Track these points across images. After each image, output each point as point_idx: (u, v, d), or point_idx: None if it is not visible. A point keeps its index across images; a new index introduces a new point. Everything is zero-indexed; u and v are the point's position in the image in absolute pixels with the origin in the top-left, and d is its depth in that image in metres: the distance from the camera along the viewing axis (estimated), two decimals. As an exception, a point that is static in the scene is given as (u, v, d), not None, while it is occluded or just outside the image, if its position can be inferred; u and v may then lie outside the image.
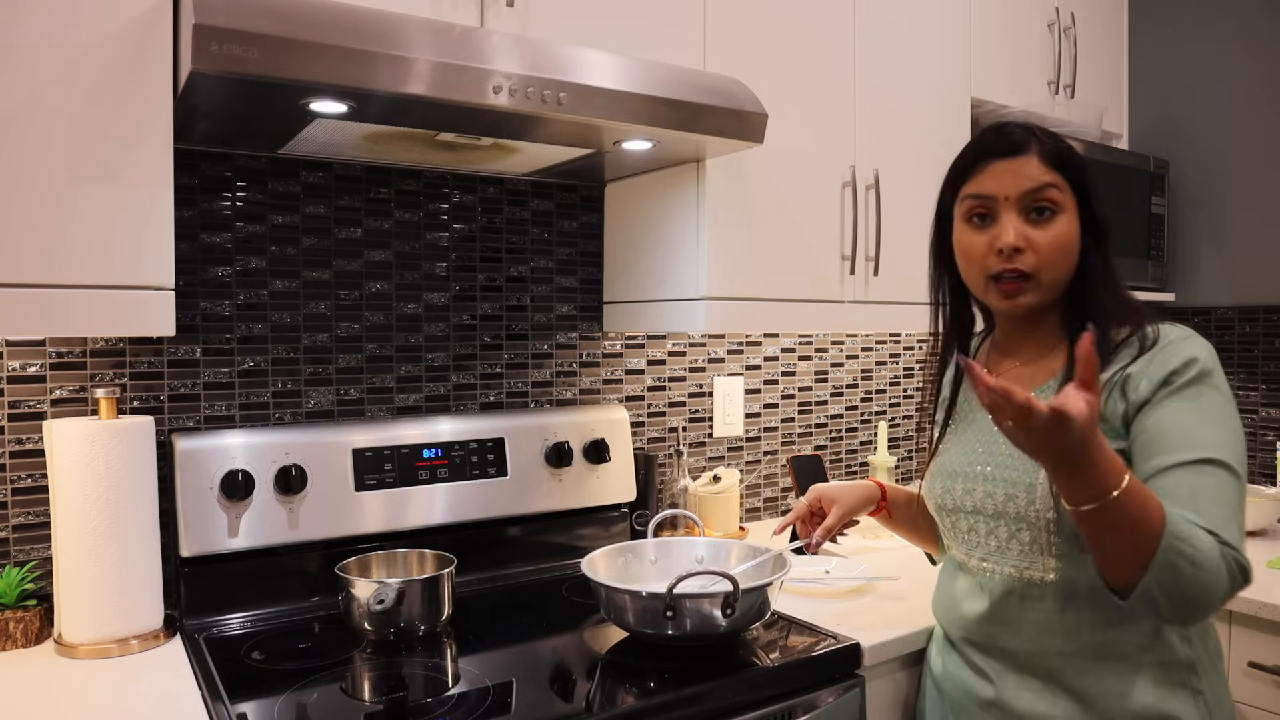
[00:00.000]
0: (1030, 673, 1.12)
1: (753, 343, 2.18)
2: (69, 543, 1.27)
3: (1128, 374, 1.06)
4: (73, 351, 1.42)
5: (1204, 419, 1.02)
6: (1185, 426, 1.01)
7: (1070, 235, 1.10)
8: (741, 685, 1.21)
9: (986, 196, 1.12)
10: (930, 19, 1.98)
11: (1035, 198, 1.09)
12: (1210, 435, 1.00)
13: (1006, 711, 1.14)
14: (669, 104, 1.35)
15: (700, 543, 1.51)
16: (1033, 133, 1.12)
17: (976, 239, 1.13)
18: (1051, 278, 1.10)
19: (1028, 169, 1.10)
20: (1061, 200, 1.09)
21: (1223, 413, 1.03)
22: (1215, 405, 1.03)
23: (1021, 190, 1.09)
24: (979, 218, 1.13)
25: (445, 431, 1.63)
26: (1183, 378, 1.03)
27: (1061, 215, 1.10)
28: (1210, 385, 1.04)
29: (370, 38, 1.12)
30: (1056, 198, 1.09)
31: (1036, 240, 1.09)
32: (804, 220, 1.77)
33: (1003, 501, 1.13)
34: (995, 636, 1.15)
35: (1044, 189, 1.09)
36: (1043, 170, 1.09)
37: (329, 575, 1.44)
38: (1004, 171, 1.11)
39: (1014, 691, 1.13)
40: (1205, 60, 2.44)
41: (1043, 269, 1.10)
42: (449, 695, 1.16)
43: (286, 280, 1.59)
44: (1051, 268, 1.10)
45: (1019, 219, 1.10)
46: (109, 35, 1.09)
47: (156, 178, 1.13)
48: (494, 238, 1.80)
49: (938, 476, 1.23)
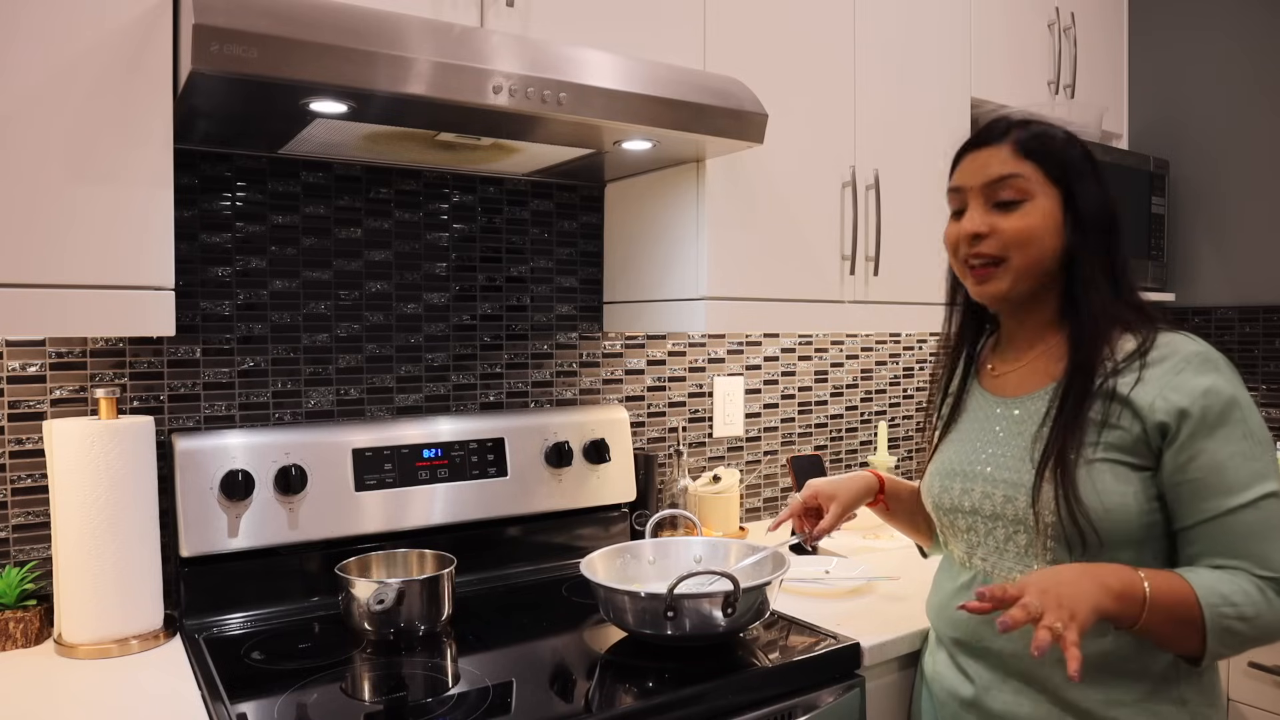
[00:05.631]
0: (1011, 674, 1.12)
1: (753, 343, 2.18)
2: (69, 543, 1.27)
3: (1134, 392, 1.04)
4: (73, 351, 1.42)
5: (1245, 452, 1.01)
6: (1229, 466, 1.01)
7: (1039, 225, 1.09)
8: (741, 685, 1.21)
9: (958, 188, 1.16)
10: (930, 19, 1.98)
11: (998, 188, 1.11)
12: (1252, 468, 1.01)
13: (984, 711, 1.14)
14: (669, 104, 1.35)
15: (699, 542, 1.51)
16: (1016, 124, 1.13)
17: (951, 229, 1.17)
18: (1021, 263, 1.10)
19: (993, 159, 1.11)
20: (1029, 189, 1.10)
21: (1258, 438, 1.03)
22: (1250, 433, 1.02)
23: (983, 180, 1.12)
24: (957, 211, 1.17)
25: (445, 431, 1.63)
26: (1212, 412, 1.02)
27: (1029, 204, 1.10)
28: (1239, 409, 1.02)
29: (370, 38, 1.12)
30: (1022, 186, 1.10)
31: (1000, 228, 1.10)
32: (804, 220, 1.77)
33: (1001, 503, 1.12)
34: (984, 636, 1.14)
35: (1005, 180, 1.10)
36: (1009, 161, 1.10)
37: (329, 575, 1.44)
38: (971, 163, 1.14)
39: (993, 692, 1.13)
40: (1205, 60, 2.44)
41: (1009, 254, 1.10)
42: (449, 695, 1.16)
43: (286, 280, 1.59)
44: (1018, 253, 1.10)
45: (984, 208, 1.12)
46: (109, 35, 1.09)
47: (156, 178, 1.13)
48: (494, 238, 1.80)
49: (937, 475, 1.23)
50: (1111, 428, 1.04)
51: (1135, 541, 1.05)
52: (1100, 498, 1.03)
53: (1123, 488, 1.03)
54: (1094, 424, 1.05)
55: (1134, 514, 1.03)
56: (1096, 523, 1.03)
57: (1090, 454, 1.05)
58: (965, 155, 1.16)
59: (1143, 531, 1.04)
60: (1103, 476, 1.04)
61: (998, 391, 1.20)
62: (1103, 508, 1.03)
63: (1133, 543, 1.05)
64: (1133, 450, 1.04)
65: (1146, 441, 1.03)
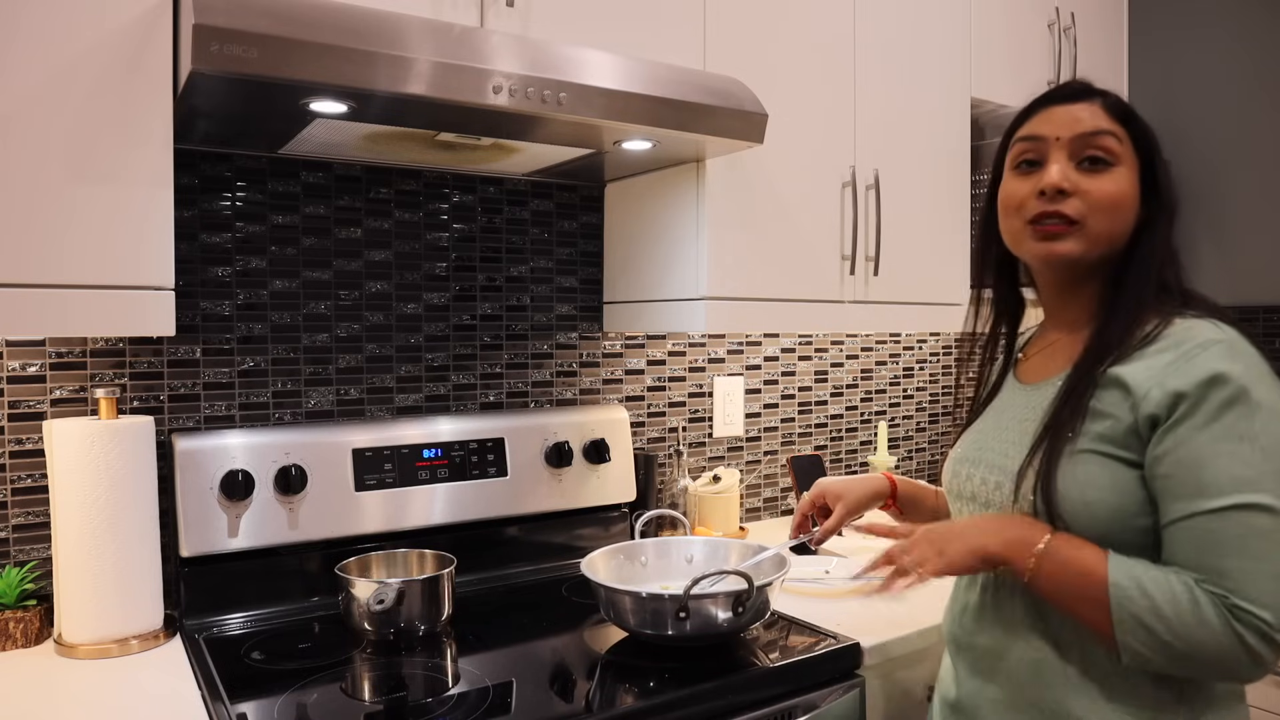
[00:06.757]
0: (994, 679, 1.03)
1: (753, 343, 2.18)
2: (69, 543, 1.27)
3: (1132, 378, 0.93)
4: (73, 351, 1.42)
5: (1235, 453, 0.87)
6: (1211, 462, 0.87)
7: (1124, 193, 1.00)
8: (741, 685, 1.21)
9: (1037, 138, 1.03)
10: (930, 19, 1.98)
11: (1090, 143, 1.00)
12: (1237, 472, 0.86)
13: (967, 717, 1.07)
14: (669, 104, 1.35)
15: (699, 542, 1.51)
16: (1099, 91, 1.04)
17: (1020, 185, 1.04)
18: (1098, 230, 0.99)
19: (1086, 113, 1.01)
20: (1119, 153, 1.00)
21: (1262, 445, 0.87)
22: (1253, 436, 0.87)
23: (1075, 132, 1.00)
24: (1027, 164, 1.04)
25: (445, 431, 1.63)
26: (1212, 401, 0.88)
27: (1118, 169, 1.00)
28: (1249, 406, 0.88)
29: (370, 38, 1.12)
30: (1113, 147, 0.99)
31: (1086, 187, 0.99)
32: (804, 220, 1.77)
33: (992, 489, 1.05)
34: (974, 633, 1.08)
35: (1100, 135, 0.99)
36: (1103, 117, 1.00)
37: (329, 575, 1.44)
38: (1060, 114, 1.02)
39: (974, 698, 1.06)
40: (1205, 60, 2.44)
41: (1089, 217, 0.99)
42: (449, 695, 1.16)
43: (286, 280, 1.59)
44: (1099, 218, 0.99)
45: (1069, 163, 1.00)
46: (109, 35, 1.09)
47: (156, 178, 1.13)
48: (494, 238, 1.80)
49: (951, 461, 1.16)
50: (1103, 416, 0.94)
51: (1121, 544, 0.92)
52: (1081, 490, 0.93)
53: (1108, 483, 0.93)
54: (1092, 412, 0.95)
55: (1117, 512, 0.92)
56: (1071, 517, 0.93)
57: (1083, 443, 0.95)
58: (1044, 108, 1.04)
59: (1133, 535, 0.93)
60: (1088, 468, 0.93)
61: (1022, 377, 1.12)
62: (1082, 501, 0.93)
63: (1116, 545, 0.92)
64: (1123, 443, 0.93)
65: (1136, 433, 0.92)
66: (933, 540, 1.00)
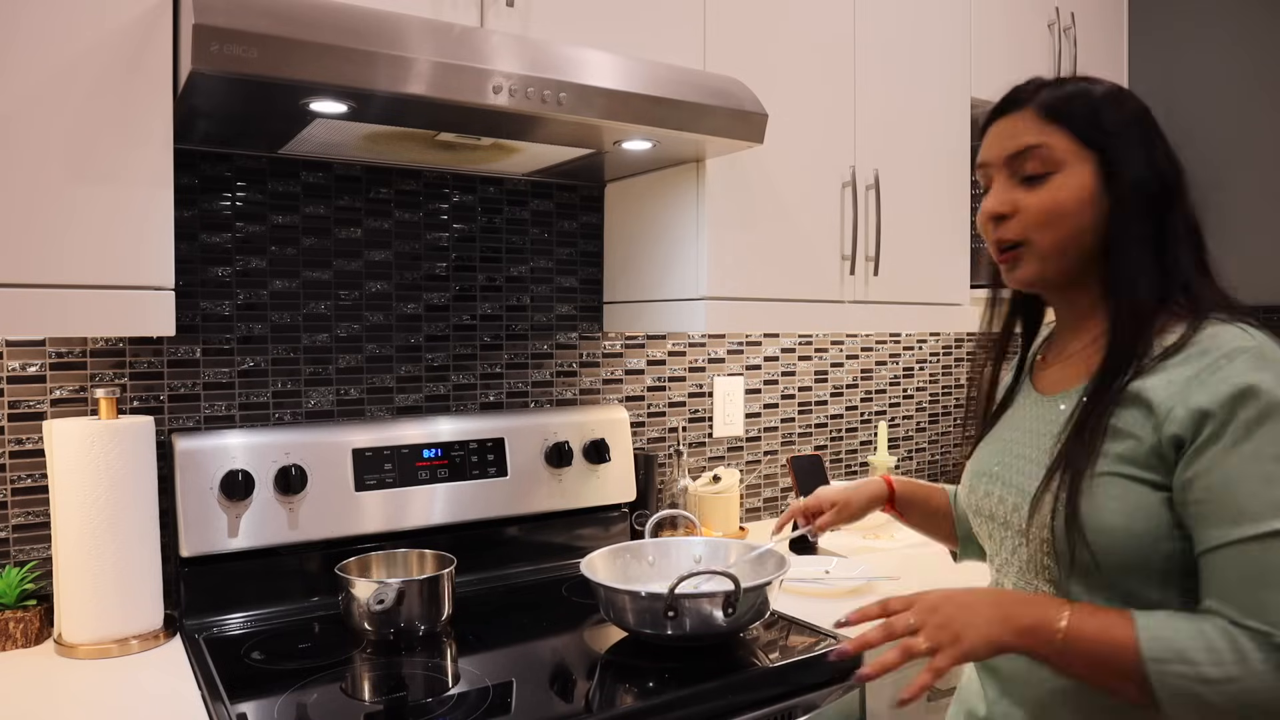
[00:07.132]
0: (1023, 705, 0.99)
1: (753, 343, 2.18)
2: (69, 543, 1.27)
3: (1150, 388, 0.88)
4: (73, 351, 1.42)
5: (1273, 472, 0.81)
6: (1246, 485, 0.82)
7: (1063, 199, 0.95)
8: (741, 685, 1.21)
9: (984, 164, 1.02)
10: (930, 19, 1.98)
11: (1020, 162, 0.97)
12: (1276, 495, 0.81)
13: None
14: (669, 104, 1.35)
15: (699, 542, 1.51)
16: (1047, 84, 1.00)
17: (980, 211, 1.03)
18: (1047, 244, 0.96)
19: (1015, 128, 0.99)
20: (1058, 158, 0.96)
21: None
22: None
23: (1005, 154, 0.99)
24: (985, 189, 1.03)
25: (445, 431, 1.63)
26: (1242, 418, 0.83)
27: (1057, 176, 0.96)
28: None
29: (370, 38, 1.12)
30: (1047, 156, 0.96)
31: (1023, 204, 0.97)
32: (804, 220, 1.77)
33: (1010, 510, 1.01)
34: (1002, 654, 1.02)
35: (1028, 151, 0.97)
36: (1033, 128, 0.97)
37: (329, 575, 1.44)
38: (996, 132, 1.01)
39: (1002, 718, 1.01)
40: (1205, 60, 2.44)
41: (1030, 235, 0.97)
42: (449, 695, 1.16)
43: (286, 280, 1.59)
44: (1041, 233, 0.96)
45: (1009, 184, 0.99)
46: (109, 35, 1.09)
47: (156, 178, 1.13)
48: (494, 238, 1.80)
49: (968, 474, 1.12)
50: (1124, 436, 0.89)
51: (1145, 571, 0.88)
52: (1101, 515, 0.88)
53: (1130, 508, 0.87)
54: (1113, 431, 0.90)
55: (1141, 538, 0.87)
56: (1092, 542, 0.88)
57: (1103, 465, 0.89)
58: (989, 126, 1.03)
59: (1158, 561, 0.88)
60: (1110, 491, 0.88)
61: (1040, 386, 1.07)
62: (1102, 527, 0.88)
63: (1141, 571, 0.88)
64: (1145, 464, 0.88)
65: (1160, 454, 0.87)
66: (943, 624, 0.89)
